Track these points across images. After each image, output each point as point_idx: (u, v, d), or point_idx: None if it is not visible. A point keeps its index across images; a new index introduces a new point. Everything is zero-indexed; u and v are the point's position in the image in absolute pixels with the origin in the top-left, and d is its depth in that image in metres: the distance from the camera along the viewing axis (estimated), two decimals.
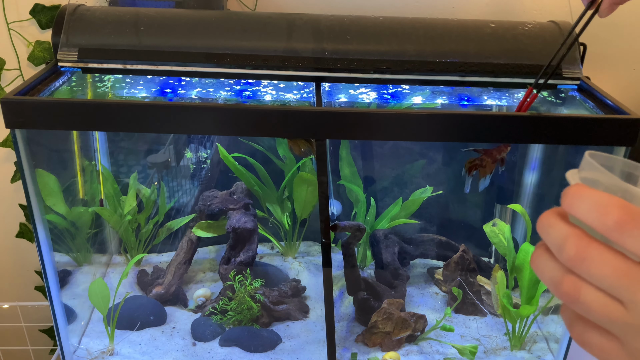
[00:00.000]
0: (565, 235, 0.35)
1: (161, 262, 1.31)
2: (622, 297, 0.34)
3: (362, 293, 1.16)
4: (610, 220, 0.33)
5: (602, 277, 0.34)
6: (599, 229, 0.33)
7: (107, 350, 1.10)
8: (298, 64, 0.95)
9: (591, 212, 0.34)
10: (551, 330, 1.17)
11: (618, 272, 0.33)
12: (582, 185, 0.34)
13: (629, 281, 0.33)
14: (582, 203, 0.34)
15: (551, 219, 0.36)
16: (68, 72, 0.95)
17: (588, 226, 0.34)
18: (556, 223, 0.35)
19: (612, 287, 0.34)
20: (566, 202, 0.35)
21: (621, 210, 0.33)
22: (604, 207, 0.33)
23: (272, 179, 1.27)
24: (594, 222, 0.33)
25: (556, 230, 0.35)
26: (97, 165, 1.22)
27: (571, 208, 0.35)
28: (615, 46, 1.19)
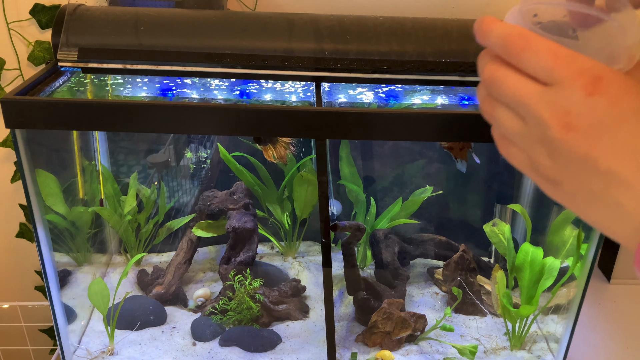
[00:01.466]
0: (484, 63, 0.42)
1: (161, 262, 1.31)
2: (522, 113, 0.39)
3: (362, 293, 1.16)
4: (511, 48, 0.39)
5: (505, 96, 0.40)
6: (504, 56, 0.40)
7: (107, 350, 1.10)
8: (298, 64, 0.95)
9: (497, 42, 0.40)
10: (551, 330, 1.17)
11: (518, 91, 0.39)
12: (490, 18, 0.41)
13: (525, 99, 0.39)
14: (490, 35, 0.41)
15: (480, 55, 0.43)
16: (68, 72, 0.95)
17: None
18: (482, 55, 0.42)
19: (514, 105, 0.40)
20: (478, 34, 0.42)
21: (519, 38, 0.39)
22: (505, 37, 0.40)
23: (272, 179, 1.27)
24: (500, 50, 0.40)
25: (480, 59, 0.42)
26: (97, 165, 1.22)
27: (483, 40, 0.41)
28: None
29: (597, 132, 0.37)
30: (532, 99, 0.38)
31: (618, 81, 0.37)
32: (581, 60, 0.38)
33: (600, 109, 0.37)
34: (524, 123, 0.40)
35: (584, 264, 1.02)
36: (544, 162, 0.40)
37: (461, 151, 1.01)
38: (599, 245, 0.98)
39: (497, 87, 0.40)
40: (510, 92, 0.39)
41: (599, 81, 0.37)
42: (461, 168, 1.02)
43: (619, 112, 0.37)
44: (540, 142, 0.39)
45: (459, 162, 1.02)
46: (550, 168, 0.40)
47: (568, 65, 0.37)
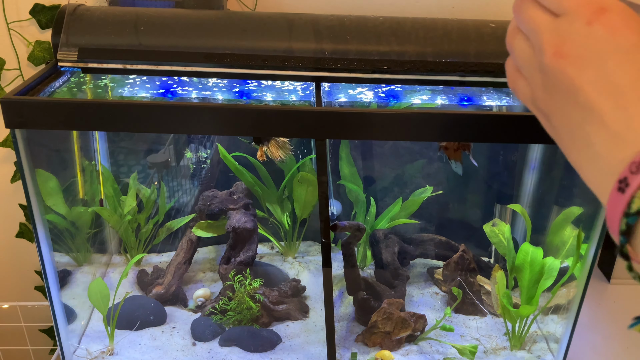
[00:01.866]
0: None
1: (161, 262, 1.31)
2: (532, 41, 0.41)
3: (362, 293, 1.16)
4: None
5: (523, 21, 0.42)
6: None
7: (107, 350, 1.10)
8: (298, 64, 0.95)
9: None
10: (551, 330, 1.17)
11: (533, 19, 0.41)
12: None
13: (536, 26, 0.40)
14: None
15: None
16: (68, 72, 0.95)
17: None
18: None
19: (528, 31, 0.41)
20: None
21: None
22: None
23: (272, 179, 1.27)
24: None
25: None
26: (97, 165, 1.22)
27: None
28: None
29: (586, 61, 0.36)
30: (541, 26, 0.40)
31: (622, 15, 0.36)
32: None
33: (596, 38, 0.36)
34: (532, 51, 0.41)
35: (584, 264, 1.02)
36: (538, 93, 0.40)
37: (455, 152, 1.00)
38: (599, 245, 0.99)
39: (519, 14, 0.42)
40: (527, 19, 0.41)
41: (603, 12, 0.36)
42: (456, 170, 1.01)
43: (614, 44, 0.36)
44: (539, 69, 0.40)
45: (453, 163, 1.01)
46: (542, 99, 0.40)
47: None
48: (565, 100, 0.37)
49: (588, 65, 0.36)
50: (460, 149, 1.00)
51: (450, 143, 1.01)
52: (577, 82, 0.36)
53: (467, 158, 1.01)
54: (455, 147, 1.00)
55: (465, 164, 1.02)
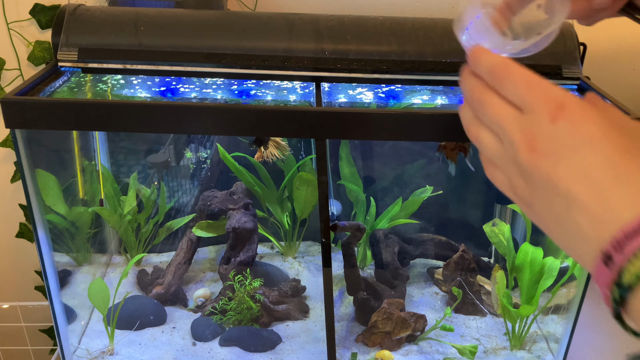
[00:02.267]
0: (470, 85, 0.46)
1: (161, 262, 1.31)
2: (500, 135, 0.43)
3: (362, 293, 1.16)
4: (495, 77, 0.44)
5: (488, 116, 0.44)
6: (489, 82, 0.44)
7: (107, 350, 1.10)
8: (298, 64, 0.95)
9: (484, 70, 0.45)
10: (551, 330, 1.17)
11: (498, 114, 0.43)
12: (480, 49, 0.46)
13: (503, 122, 0.43)
14: (479, 63, 0.45)
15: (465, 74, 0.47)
16: (68, 72, 0.95)
17: None
18: (467, 77, 0.47)
19: (494, 126, 0.44)
20: (470, 62, 0.47)
21: (502, 69, 0.44)
22: (491, 66, 0.44)
23: (272, 179, 1.27)
24: (486, 77, 0.45)
25: (464, 79, 0.47)
26: (97, 165, 1.22)
27: (474, 66, 0.46)
28: (615, 46, 1.19)
29: (558, 155, 0.40)
30: (507, 122, 0.42)
31: (580, 109, 0.40)
32: (551, 90, 0.42)
33: (562, 134, 0.40)
34: (502, 145, 0.44)
35: None
36: (517, 183, 0.43)
37: (451, 152, 1.01)
38: None
39: (482, 109, 0.44)
40: (492, 114, 0.44)
41: (563, 108, 0.40)
42: (450, 169, 1.02)
43: (578, 137, 0.39)
44: (514, 163, 0.43)
45: (449, 162, 1.02)
46: (522, 189, 0.43)
47: (539, 93, 0.42)
48: (546, 191, 0.41)
49: (561, 159, 0.39)
50: (457, 150, 1.00)
51: (448, 142, 1.01)
52: (555, 176, 0.40)
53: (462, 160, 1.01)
54: (452, 147, 1.00)
55: (462, 166, 1.02)
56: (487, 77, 0.44)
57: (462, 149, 1.00)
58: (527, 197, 0.43)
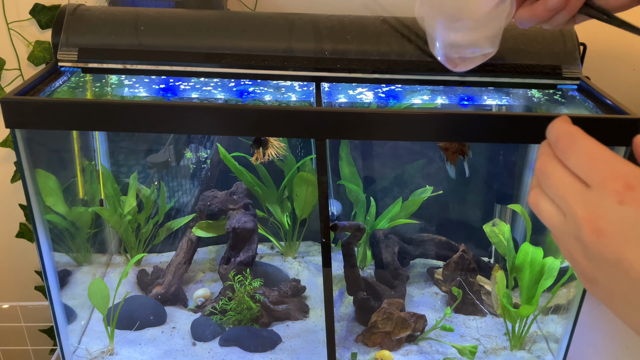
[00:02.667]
0: (540, 154, 0.44)
1: (161, 262, 1.31)
2: (563, 207, 0.41)
3: (362, 293, 1.16)
4: (560, 146, 0.42)
5: (551, 187, 0.42)
6: (555, 151, 0.43)
7: (107, 350, 1.10)
8: (298, 64, 0.95)
9: (552, 138, 0.43)
10: (551, 330, 1.17)
11: (561, 186, 0.41)
12: (558, 119, 0.44)
13: (566, 196, 0.41)
14: (550, 131, 0.43)
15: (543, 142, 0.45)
16: (68, 72, 0.95)
17: None
18: (542, 144, 0.45)
19: (557, 198, 0.42)
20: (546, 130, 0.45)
21: (567, 137, 0.42)
22: (557, 134, 0.42)
23: (272, 179, 1.27)
24: (553, 146, 0.43)
25: (540, 148, 0.45)
26: (97, 165, 1.22)
27: (546, 134, 0.44)
28: (615, 46, 1.19)
29: (627, 240, 0.37)
30: (571, 196, 0.40)
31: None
32: (617, 165, 0.39)
33: (630, 218, 0.37)
34: (564, 218, 0.41)
35: None
36: (580, 260, 0.41)
37: (452, 155, 1.01)
38: None
39: (545, 178, 0.43)
40: (555, 185, 0.41)
41: (631, 189, 0.38)
42: (450, 172, 1.02)
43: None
44: (576, 240, 0.40)
45: (449, 165, 1.02)
46: (586, 266, 0.41)
47: (605, 169, 0.39)
48: (614, 273, 0.39)
49: (630, 244, 0.37)
50: (457, 153, 1.00)
51: (450, 144, 1.01)
52: (624, 260, 0.37)
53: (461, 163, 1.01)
54: (454, 149, 1.00)
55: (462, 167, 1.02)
56: (554, 145, 0.43)
57: (462, 153, 1.00)
58: (590, 274, 0.41)
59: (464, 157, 1.00)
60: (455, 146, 1.00)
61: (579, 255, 0.41)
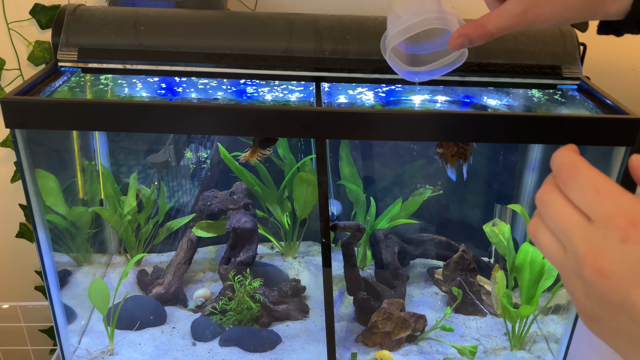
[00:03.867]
0: (544, 183, 0.42)
1: (161, 262, 1.31)
2: (563, 241, 0.39)
3: (362, 293, 1.16)
4: (562, 176, 0.40)
5: (551, 218, 0.40)
6: (557, 181, 0.41)
7: (107, 350, 1.10)
8: (298, 64, 0.95)
9: (554, 167, 0.41)
10: (551, 330, 1.17)
11: (562, 218, 0.39)
12: (562, 148, 0.41)
13: (567, 229, 0.38)
14: (554, 160, 0.41)
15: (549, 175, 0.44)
16: (68, 72, 0.95)
17: None
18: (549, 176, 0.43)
19: (557, 230, 0.40)
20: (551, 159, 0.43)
21: (569, 167, 0.39)
22: (560, 163, 0.40)
23: (272, 179, 1.27)
24: (555, 176, 0.41)
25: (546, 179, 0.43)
26: (97, 165, 1.22)
27: (551, 164, 0.42)
28: (615, 46, 1.19)
29: (631, 280, 0.36)
30: (572, 230, 0.38)
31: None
32: (621, 200, 0.37)
33: (635, 257, 0.35)
34: (564, 252, 0.39)
35: None
36: (580, 297, 0.39)
37: (452, 158, 1.00)
38: None
39: (545, 208, 0.40)
40: (556, 216, 0.39)
41: (635, 227, 0.36)
42: (451, 175, 1.02)
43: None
44: (577, 276, 0.38)
45: (449, 167, 1.01)
46: (586, 304, 0.39)
47: (607, 203, 0.37)
48: (618, 313, 0.37)
49: (634, 285, 0.36)
50: (457, 157, 1.00)
51: (447, 148, 1.00)
52: (627, 302, 0.36)
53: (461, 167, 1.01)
54: (452, 152, 1.00)
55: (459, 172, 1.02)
56: (556, 175, 0.40)
57: (463, 156, 1.00)
58: (591, 312, 0.39)
59: (464, 160, 1.00)
60: (453, 149, 1.00)
61: (579, 292, 0.39)
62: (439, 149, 1.02)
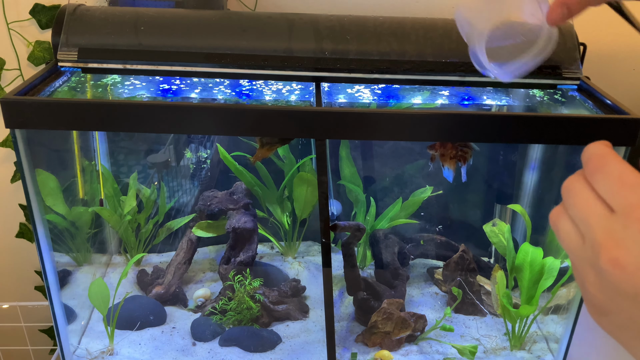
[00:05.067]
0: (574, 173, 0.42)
1: (161, 262, 1.31)
2: (583, 230, 0.39)
3: (362, 293, 1.16)
4: (589, 166, 0.39)
5: (573, 207, 0.40)
6: (585, 172, 0.40)
7: (107, 350, 1.10)
8: (298, 64, 0.95)
9: (584, 158, 0.40)
10: (551, 330, 1.17)
11: (585, 207, 0.39)
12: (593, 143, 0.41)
13: (588, 218, 0.38)
14: (583, 153, 0.41)
15: None
16: (68, 72, 0.95)
17: None
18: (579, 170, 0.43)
19: (578, 219, 0.39)
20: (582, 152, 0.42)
21: (597, 158, 0.39)
22: (589, 154, 0.40)
23: (272, 179, 1.27)
24: (584, 166, 0.40)
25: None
26: (97, 165, 1.22)
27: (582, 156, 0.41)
28: (615, 46, 1.19)
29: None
30: (594, 219, 0.38)
31: None
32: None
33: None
34: (582, 242, 0.39)
35: None
36: (591, 288, 0.39)
37: (450, 160, 1.01)
38: None
39: (569, 197, 0.40)
40: (578, 205, 0.39)
41: None
42: (447, 176, 1.02)
43: None
44: (592, 267, 0.38)
45: (446, 169, 1.02)
46: (597, 295, 0.39)
47: (631, 195, 0.36)
48: (631, 306, 0.37)
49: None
50: (456, 159, 1.00)
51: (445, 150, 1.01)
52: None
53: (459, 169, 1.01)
54: (451, 155, 1.00)
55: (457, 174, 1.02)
56: (584, 166, 0.40)
57: (462, 159, 1.00)
58: (601, 304, 0.39)
59: (464, 162, 1.00)
60: (452, 152, 1.00)
61: (591, 284, 0.38)
62: (431, 150, 1.02)
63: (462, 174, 1.01)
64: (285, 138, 1.03)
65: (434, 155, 1.02)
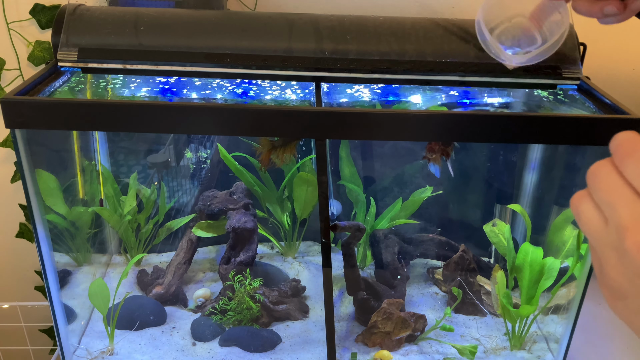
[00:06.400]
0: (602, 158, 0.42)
1: (161, 262, 1.31)
2: (607, 214, 0.39)
3: (362, 293, 1.16)
4: (619, 151, 0.39)
5: (599, 190, 0.39)
6: (614, 157, 0.40)
7: (107, 350, 1.10)
8: (298, 64, 0.95)
9: (613, 145, 0.40)
10: (551, 330, 1.17)
11: (612, 191, 0.38)
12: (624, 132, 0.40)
13: (615, 202, 0.38)
14: (612, 140, 0.40)
15: None
16: (68, 72, 0.95)
17: None
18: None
19: (603, 202, 0.39)
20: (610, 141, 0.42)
21: (627, 143, 0.39)
22: (619, 140, 0.40)
23: (272, 179, 1.27)
24: (612, 152, 0.40)
25: None
26: (97, 165, 1.22)
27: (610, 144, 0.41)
28: (615, 46, 1.19)
29: None
30: (621, 203, 0.38)
31: None
32: None
33: None
34: (605, 225, 0.39)
35: (584, 264, 1.02)
36: (610, 271, 0.39)
37: (435, 156, 1.01)
38: None
39: (595, 181, 0.40)
40: (605, 189, 0.39)
41: None
42: (434, 171, 1.02)
43: None
44: (615, 249, 0.38)
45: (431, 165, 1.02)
46: (616, 280, 0.39)
47: None
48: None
49: None
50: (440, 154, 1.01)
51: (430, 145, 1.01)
52: None
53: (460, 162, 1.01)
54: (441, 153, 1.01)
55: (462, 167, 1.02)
56: (613, 152, 0.40)
57: (445, 153, 1.01)
58: (619, 288, 0.39)
59: (447, 157, 1.01)
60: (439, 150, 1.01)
61: (612, 267, 0.38)
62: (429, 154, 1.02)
63: (449, 168, 1.01)
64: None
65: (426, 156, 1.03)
